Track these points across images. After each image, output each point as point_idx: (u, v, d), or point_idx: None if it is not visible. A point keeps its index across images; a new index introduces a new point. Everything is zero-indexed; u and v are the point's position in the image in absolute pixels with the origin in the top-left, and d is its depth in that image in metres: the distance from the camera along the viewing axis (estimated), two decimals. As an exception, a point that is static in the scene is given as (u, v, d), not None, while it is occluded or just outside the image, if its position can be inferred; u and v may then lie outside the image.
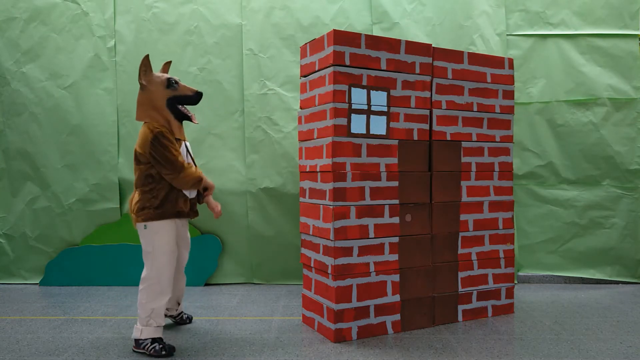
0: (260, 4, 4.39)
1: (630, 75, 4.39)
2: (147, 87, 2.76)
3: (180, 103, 2.83)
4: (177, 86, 2.82)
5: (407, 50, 3.09)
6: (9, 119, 4.43)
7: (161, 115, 2.76)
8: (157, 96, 2.76)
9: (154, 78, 2.79)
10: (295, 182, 4.31)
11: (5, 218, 4.50)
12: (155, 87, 2.77)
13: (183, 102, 2.84)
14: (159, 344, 2.69)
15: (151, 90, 2.76)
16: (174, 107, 2.80)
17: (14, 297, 3.99)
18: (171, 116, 2.79)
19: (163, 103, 2.77)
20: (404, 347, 2.81)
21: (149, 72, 2.78)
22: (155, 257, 2.71)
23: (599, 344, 2.85)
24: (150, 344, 2.69)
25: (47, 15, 4.38)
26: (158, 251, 2.71)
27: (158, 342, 2.70)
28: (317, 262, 3.08)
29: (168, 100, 2.78)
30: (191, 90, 2.87)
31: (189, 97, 2.85)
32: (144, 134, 2.66)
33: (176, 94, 2.81)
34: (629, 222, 4.41)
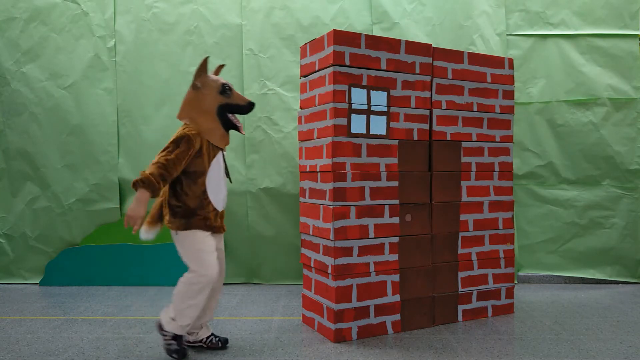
0: (260, 4, 4.39)
1: (630, 75, 4.39)
2: (200, 89, 2.58)
3: (231, 111, 2.64)
4: (230, 93, 2.62)
5: (407, 50, 3.09)
6: (9, 119, 4.43)
7: (206, 121, 2.57)
8: (209, 101, 2.58)
9: (209, 81, 2.60)
10: (295, 182, 4.31)
11: (5, 218, 4.50)
12: (209, 91, 2.58)
13: (234, 110, 2.65)
14: (177, 344, 2.58)
15: (204, 93, 2.58)
16: (223, 115, 2.61)
17: (14, 297, 3.99)
18: (218, 123, 2.60)
19: (213, 109, 2.59)
20: (404, 347, 2.81)
21: (205, 74, 2.60)
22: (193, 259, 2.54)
23: (599, 344, 2.85)
24: (170, 339, 2.58)
25: (47, 15, 4.38)
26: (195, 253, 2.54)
27: (177, 341, 2.58)
28: (317, 262, 3.08)
29: (220, 107, 2.60)
30: (244, 100, 2.66)
31: (240, 107, 2.65)
32: (181, 132, 2.51)
33: (229, 102, 2.62)
34: (629, 222, 4.41)
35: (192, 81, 2.59)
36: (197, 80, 2.58)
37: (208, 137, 2.57)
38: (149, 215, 2.63)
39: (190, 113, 2.59)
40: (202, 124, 2.57)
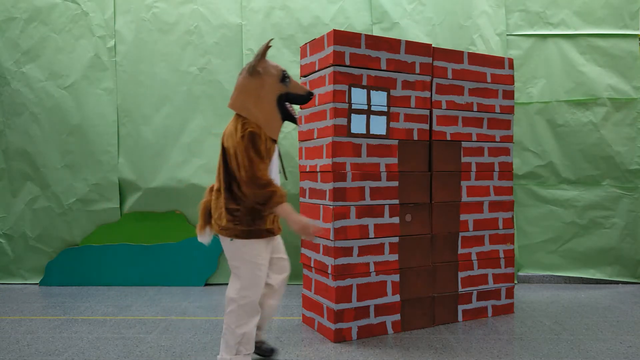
0: (260, 4, 4.39)
1: (630, 75, 4.39)
2: (261, 75, 2.29)
3: (289, 101, 2.39)
4: (289, 82, 2.38)
5: (407, 50, 3.09)
6: (9, 119, 4.43)
7: (264, 111, 2.28)
8: (269, 89, 2.30)
9: (270, 67, 2.33)
10: (295, 182, 4.31)
11: (5, 218, 4.50)
12: (270, 78, 2.31)
13: (292, 100, 2.40)
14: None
15: (264, 80, 2.29)
16: (282, 105, 2.35)
17: (14, 297, 3.99)
18: (277, 114, 2.34)
19: (273, 98, 2.31)
20: (404, 347, 2.81)
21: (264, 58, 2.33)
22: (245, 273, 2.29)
23: (599, 344, 2.85)
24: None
25: (47, 15, 4.38)
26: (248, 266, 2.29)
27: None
28: (317, 262, 3.08)
29: (280, 96, 2.34)
30: (303, 89, 2.42)
31: (300, 97, 2.41)
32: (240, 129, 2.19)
33: (288, 91, 2.37)
34: (629, 222, 4.41)
35: (251, 66, 2.29)
36: (259, 65, 2.29)
37: (266, 129, 2.27)
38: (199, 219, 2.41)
39: (246, 102, 2.28)
40: (259, 115, 2.27)
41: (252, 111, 2.26)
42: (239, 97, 2.29)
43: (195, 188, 4.37)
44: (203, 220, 2.39)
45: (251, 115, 2.26)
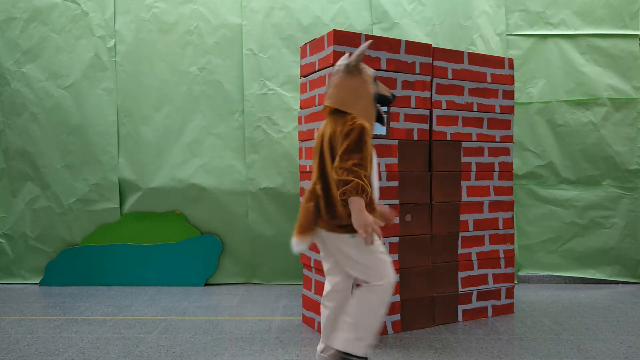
0: (260, 4, 4.39)
1: (630, 75, 4.39)
2: (360, 73, 2.26)
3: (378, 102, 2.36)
4: (377, 83, 2.35)
5: (407, 50, 3.09)
6: (9, 119, 4.43)
7: (365, 109, 2.23)
8: (367, 87, 2.25)
9: (365, 67, 2.30)
10: (295, 182, 4.31)
11: (5, 218, 4.50)
12: (368, 77, 2.27)
13: (380, 101, 2.37)
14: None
15: (363, 78, 2.25)
16: (376, 105, 2.31)
17: (14, 297, 3.99)
18: (373, 113, 2.28)
19: (371, 97, 2.26)
20: (404, 347, 2.81)
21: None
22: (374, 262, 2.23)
23: (599, 344, 2.85)
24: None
25: (47, 15, 4.38)
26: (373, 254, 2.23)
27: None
28: (317, 262, 3.08)
29: (374, 96, 2.29)
30: (388, 91, 2.40)
31: (386, 98, 2.38)
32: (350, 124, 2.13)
33: (379, 92, 2.33)
34: (629, 222, 4.41)
35: (351, 64, 2.24)
36: (361, 64, 2.27)
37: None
38: (299, 225, 2.26)
39: (347, 99, 2.21)
40: (361, 113, 2.21)
41: (355, 108, 2.21)
42: (340, 94, 2.23)
43: (195, 188, 4.37)
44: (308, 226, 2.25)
45: (355, 112, 2.20)
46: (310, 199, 2.26)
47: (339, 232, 2.19)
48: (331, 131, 2.20)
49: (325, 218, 2.21)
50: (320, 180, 2.24)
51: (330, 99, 2.24)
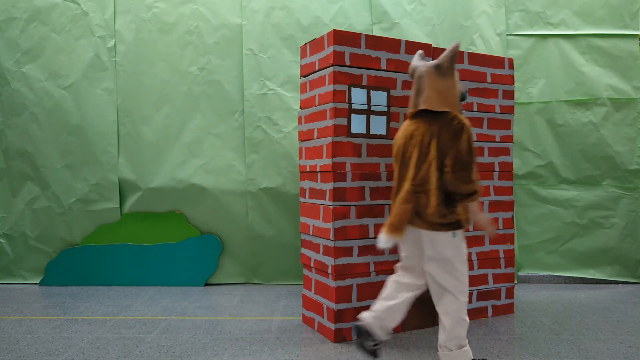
0: (260, 4, 4.39)
1: (630, 75, 4.39)
2: (452, 75, 2.36)
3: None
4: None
5: (407, 50, 3.09)
6: (9, 119, 4.43)
7: (456, 109, 2.34)
8: (457, 88, 2.36)
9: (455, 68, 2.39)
10: (295, 182, 4.31)
11: (5, 218, 4.50)
12: (457, 78, 2.40)
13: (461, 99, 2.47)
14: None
15: (454, 80, 2.35)
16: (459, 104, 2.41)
17: (14, 297, 3.99)
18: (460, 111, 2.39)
19: (458, 97, 2.37)
20: (404, 347, 2.81)
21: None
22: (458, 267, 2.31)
23: (599, 344, 2.85)
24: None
25: (47, 15, 4.38)
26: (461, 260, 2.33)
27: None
28: (317, 262, 3.08)
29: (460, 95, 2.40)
30: (463, 87, 2.53)
31: (464, 96, 2.47)
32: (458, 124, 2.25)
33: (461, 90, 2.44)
34: (629, 222, 4.41)
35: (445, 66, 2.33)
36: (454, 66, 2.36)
37: None
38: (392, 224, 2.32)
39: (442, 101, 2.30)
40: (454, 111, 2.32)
41: (451, 107, 2.31)
42: (434, 96, 2.31)
43: (195, 188, 4.37)
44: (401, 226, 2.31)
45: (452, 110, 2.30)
46: (407, 200, 2.30)
47: (443, 230, 2.26)
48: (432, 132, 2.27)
49: (428, 218, 2.27)
50: (419, 181, 2.30)
51: (427, 102, 2.31)
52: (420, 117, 2.36)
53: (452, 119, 2.26)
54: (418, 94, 2.38)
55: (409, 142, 2.35)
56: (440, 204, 2.25)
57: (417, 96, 2.38)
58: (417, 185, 2.30)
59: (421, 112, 2.37)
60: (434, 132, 2.27)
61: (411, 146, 2.34)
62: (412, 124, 2.39)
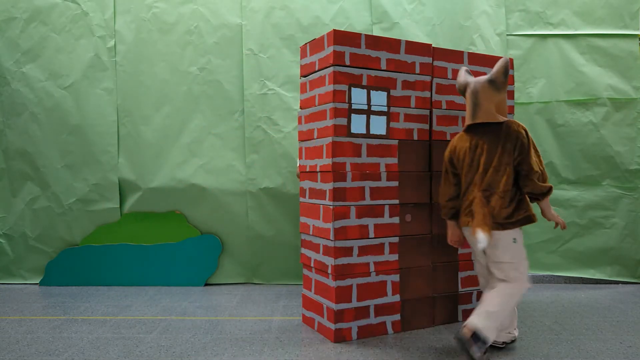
0: (260, 4, 4.39)
1: (630, 75, 4.39)
2: (505, 88, 2.60)
3: None
4: None
5: (407, 50, 3.09)
6: (9, 119, 4.43)
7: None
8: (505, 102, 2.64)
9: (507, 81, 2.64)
10: (295, 182, 4.31)
11: (5, 218, 4.50)
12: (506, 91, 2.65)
13: None
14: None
15: (505, 94, 2.61)
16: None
17: (14, 297, 3.99)
18: None
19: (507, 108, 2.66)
20: (404, 347, 2.81)
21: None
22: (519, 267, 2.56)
23: (599, 344, 2.85)
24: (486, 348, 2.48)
25: (47, 15, 4.38)
26: (522, 258, 2.58)
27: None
28: (317, 262, 3.08)
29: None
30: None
31: None
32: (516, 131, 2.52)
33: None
34: (629, 222, 4.40)
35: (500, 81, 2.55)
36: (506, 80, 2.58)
37: None
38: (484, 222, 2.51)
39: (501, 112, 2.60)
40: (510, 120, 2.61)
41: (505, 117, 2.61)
42: (492, 108, 2.57)
43: (195, 188, 4.37)
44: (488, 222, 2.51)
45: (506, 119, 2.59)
46: (484, 204, 2.54)
47: (511, 228, 2.52)
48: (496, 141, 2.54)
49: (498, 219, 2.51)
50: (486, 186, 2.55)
51: (486, 115, 2.56)
52: (480, 128, 2.62)
53: (510, 127, 2.54)
54: (475, 107, 2.60)
55: (475, 152, 2.61)
56: (507, 205, 2.51)
57: (475, 110, 2.59)
58: (485, 190, 2.55)
59: (479, 124, 2.61)
60: (497, 141, 2.54)
61: (477, 155, 2.60)
62: (472, 135, 2.64)
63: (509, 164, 2.52)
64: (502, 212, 2.50)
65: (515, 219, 2.52)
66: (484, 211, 2.52)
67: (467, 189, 2.64)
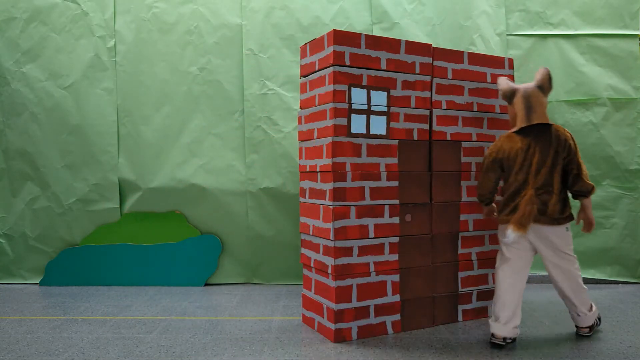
0: (260, 4, 4.39)
1: (630, 75, 4.39)
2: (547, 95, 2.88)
3: None
4: None
5: (407, 50, 3.09)
6: (9, 119, 4.43)
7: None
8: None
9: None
10: (295, 182, 4.31)
11: (5, 218, 4.50)
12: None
13: None
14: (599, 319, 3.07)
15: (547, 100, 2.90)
16: None
17: (14, 297, 3.99)
18: None
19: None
20: (404, 347, 2.81)
21: None
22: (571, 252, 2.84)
23: (599, 344, 2.85)
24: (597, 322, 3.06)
25: (47, 15, 4.38)
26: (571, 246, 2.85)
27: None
28: (317, 262, 3.08)
29: None
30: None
31: None
32: (564, 134, 2.79)
33: None
34: (629, 222, 4.40)
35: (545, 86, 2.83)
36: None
37: None
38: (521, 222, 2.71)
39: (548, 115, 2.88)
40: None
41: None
42: (544, 112, 2.82)
43: (195, 188, 4.37)
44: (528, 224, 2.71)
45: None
46: (532, 202, 2.71)
47: (564, 223, 2.76)
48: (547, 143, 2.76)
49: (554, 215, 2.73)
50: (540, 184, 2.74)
51: (541, 118, 2.79)
52: (531, 130, 2.81)
53: (558, 129, 2.79)
54: (529, 111, 2.80)
55: (527, 152, 2.78)
56: (559, 202, 2.74)
57: (529, 113, 2.80)
58: (538, 188, 2.73)
59: (530, 126, 2.81)
60: (549, 143, 2.76)
61: (529, 155, 2.77)
62: (524, 136, 2.82)
63: (560, 164, 2.75)
64: (556, 209, 2.73)
65: (565, 215, 2.77)
66: (526, 210, 2.69)
67: (518, 187, 2.79)
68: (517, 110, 2.85)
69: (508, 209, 2.81)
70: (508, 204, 2.82)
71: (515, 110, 2.88)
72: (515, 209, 2.76)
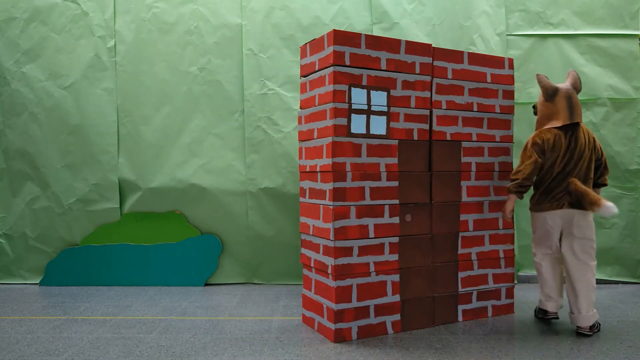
0: (260, 4, 4.39)
1: (630, 75, 4.39)
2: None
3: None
4: None
5: (407, 50, 3.09)
6: (9, 119, 4.43)
7: None
8: None
9: None
10: (295, 182, 4.31)
11: (5, 218, 4.50)
12: None
13: None
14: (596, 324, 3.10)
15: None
16: None
17: (14, 297, 3.99)
18: None
19: None
20: (404, 347, 2.81)
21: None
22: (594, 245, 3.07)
23: (599, 344, 2.85)
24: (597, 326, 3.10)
25: (47, 15, 4.38)
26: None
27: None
28: (317, 262, 3.08)
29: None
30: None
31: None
32: (590, 132, 3.12)
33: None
34: (629, 222, 4.40)
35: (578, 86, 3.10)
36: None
37: None
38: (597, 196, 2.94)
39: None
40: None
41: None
42: (581, 110, 3.07)
43: (195, 188, 4.37)
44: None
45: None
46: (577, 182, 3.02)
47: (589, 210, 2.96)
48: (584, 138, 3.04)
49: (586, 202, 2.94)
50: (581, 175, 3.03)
51: (580, 116, 3.03)
52: (569, 127, 3.04)
53: (586, 128, 3.09)
54: (572, 109, 3.02)
55: (569, 145, 3.01)
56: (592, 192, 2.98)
57: (572, 111, 3.02)
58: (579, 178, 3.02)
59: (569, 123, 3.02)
60: (584, 138, 3.03)
61: (571, 148, 3.01)
62: (564, 132, 3.03)
63: (593, 159, 3.07)
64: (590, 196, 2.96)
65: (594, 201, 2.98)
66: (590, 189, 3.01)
67: (559, 176, 3.03)
68: (560, 108, 3.03)
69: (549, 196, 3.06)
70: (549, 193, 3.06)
71: (557, 108, 3.04)
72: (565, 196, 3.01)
